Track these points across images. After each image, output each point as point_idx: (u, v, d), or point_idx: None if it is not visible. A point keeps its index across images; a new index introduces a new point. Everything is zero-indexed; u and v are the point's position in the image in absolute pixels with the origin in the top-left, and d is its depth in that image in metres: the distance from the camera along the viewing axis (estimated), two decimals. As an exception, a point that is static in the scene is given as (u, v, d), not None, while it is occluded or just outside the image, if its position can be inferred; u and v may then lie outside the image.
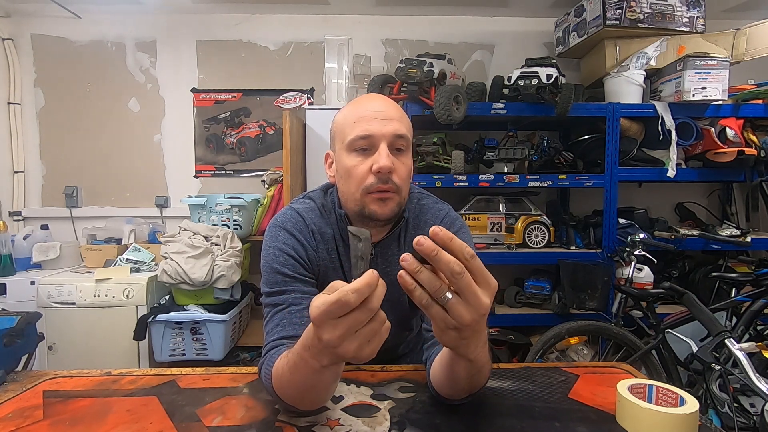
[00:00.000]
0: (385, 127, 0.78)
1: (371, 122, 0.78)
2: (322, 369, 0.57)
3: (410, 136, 0.83)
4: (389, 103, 0.83)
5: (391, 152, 0.78)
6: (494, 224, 2.24)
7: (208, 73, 2.65)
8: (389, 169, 0.76)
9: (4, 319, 0.98)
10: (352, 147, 0.79)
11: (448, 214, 0.92)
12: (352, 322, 0.50)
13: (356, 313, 0.49)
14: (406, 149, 0.82)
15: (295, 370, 0.61)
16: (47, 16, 2.54)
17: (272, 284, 0.80)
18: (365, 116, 0.79)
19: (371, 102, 0.82)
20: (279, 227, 0.86)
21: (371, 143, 0.78)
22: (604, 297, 2.08)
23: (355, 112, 0.81)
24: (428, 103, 2.02)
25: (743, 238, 2.16)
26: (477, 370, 0.63)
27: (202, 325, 2.01)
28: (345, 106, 0.87)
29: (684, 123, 2.11)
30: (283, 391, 0.66)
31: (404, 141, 0.81)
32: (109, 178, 2.64)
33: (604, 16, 2.09)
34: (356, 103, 0.84)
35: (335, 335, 0.50)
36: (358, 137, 0.78)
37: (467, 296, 0.50)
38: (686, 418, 0.61)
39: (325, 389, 0.66)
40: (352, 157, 0.80)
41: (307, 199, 0.92)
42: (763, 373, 1.39)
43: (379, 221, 0.81)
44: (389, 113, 0.80)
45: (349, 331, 0.50)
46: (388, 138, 0.78)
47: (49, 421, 0.69)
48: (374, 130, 0.78)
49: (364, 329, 0.51)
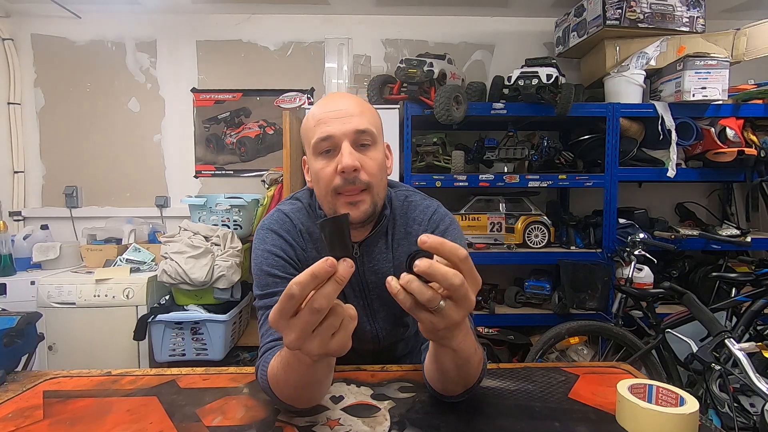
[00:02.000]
0: (345, 126, 0.77)
1: (330, 123, 0.77)
2: (314, 363, 0.57)
3: (375, 128, 0.81)
4: (349, 100, 0.81)
5: (356, 149, 0.77)
6: (494, 224, 2.24)
7: (208, 73, 2.65)
8: (353, 167, 0.75)
9: (4, 319, 0.98)
10: (316, 150, 0.79)
11: (436, 211, 0.91)
12: (303, 324, 0.49)
13: (304, 313, 0.48)
14: (372, 143, 0.80)
15: (288, 368, 0.61)
16: (47, 16, 2.54)
17: (263, 286, 0.80)
18: (323, 118, 0.78)
19: (330, 102, 0.81)
20: (267, 229, 0.85)
21: (333, 144, 0.77)
22: (604, 297, 2.08)
23: (316, 115, 0.80)
24: (428, 103, 2.02)
25: (743, 238, 2.16)
26: (464, 360, 0.63)
27: (202, 325, 2.01)
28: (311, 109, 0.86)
29: (684, 123, 2.11)
30: (279, 390, 0.67)
31: (368, 135, 0.78)
32: (109, 178, 2.64)
33: (604, 16, 2.09)
34: (317, 106, 0.82)
35: (292, 337, 0.49)
36: (319, 139, 0.77)
37: (462, 301, 0.50)
38: (686, 418, 0.61)
39: (320, 384, 0.66)
40: (319, 160, 0.79)
41: (294, 200, 0.93)
42: (763, 373, 1.39)
43: (354, 223, 0.81)
44: (349, 110, 0.78)
45: (305, 333, 0.49)
46: (349, 136, 0.77)
47: (49, 421, 0.69)
48: (334, 131, 0.77)
49: (321, 327, 0.50)
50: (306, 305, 0.48)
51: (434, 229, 0.88)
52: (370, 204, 0.80)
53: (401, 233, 0.89)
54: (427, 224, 0.89)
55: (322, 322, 0.50)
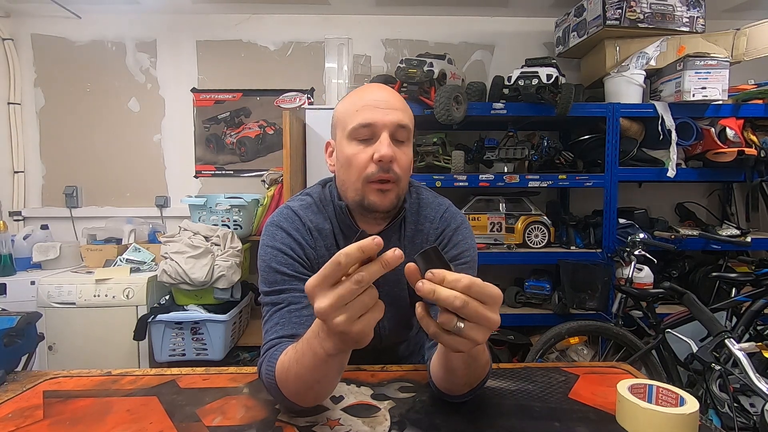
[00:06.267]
0: (387, 117, 0.78)
1: (373, 111, 0.78)
2: (328, 358, 0.57)
3: (412, 127, 0.83)
4: (392, 93, 0.82)
5: (392, 142, 0.78)
6: (494, 224, 2.24)
7: (208, 73, 2.65)
8: (390, 157, 0.76)
9: (4, 319, 0.98)
10: (353, 135, 0.79)
11: (447, 209, 0.91)
12: (342, 291, 0.50)
13: (347, 282, 0.50)
14: (407, 140, 0.82)
15: (302, 360, 0.61)
16: (47, 16, 2.54)
17: (271, 283, 0.80)
18: (368, 105, 0.79)
19: (374, 91, 0.82)
20: (276, 226, 0.85)
21: (373, 132, 0.78)
22: (604, 297, 2.08)
23: (358, 101, 0.80)
24: (428, 103, 2.02)
25: (743, 238, 2.16)
26: (473, 359, 0.63)
27: (202, 325, 2.01)
28: (347, 95, 0.86)
29: (684, 123, 2.11)
30: (287, 385, 0.65)
31: (406, 132, 0.80)
32: (109, 178, 2.64)
33: (604, 16, 2.09)
34: (359, 92, 0.83)
35: (326, 303, 0.50)
36: (360, 125, 0.78)
37: (478, 320, 0.51)
38: (686, 418, 0.61)
39: (329, 383, 0.66)
40: (353, 145, 0.79)
41: (305, 195, 0.92)
42: (763, 373, 1.39)
43: (378, 212, 0.81)
44: (392, 103, 0.80)
45: (340, 301, 0.50)
46: (389, 127, 0.78)
47: (49, 421, 0.69)
48: (376, 119, 0.77)
49: (355, 301, 0.51)
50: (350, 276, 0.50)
51: (445, 227, 0.89)
52: (396, 195, 0.80)
53: (412, 230, 0.90)
54: (438, 222, 0.89)
55: (356, 298, 0.51)
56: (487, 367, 0.69)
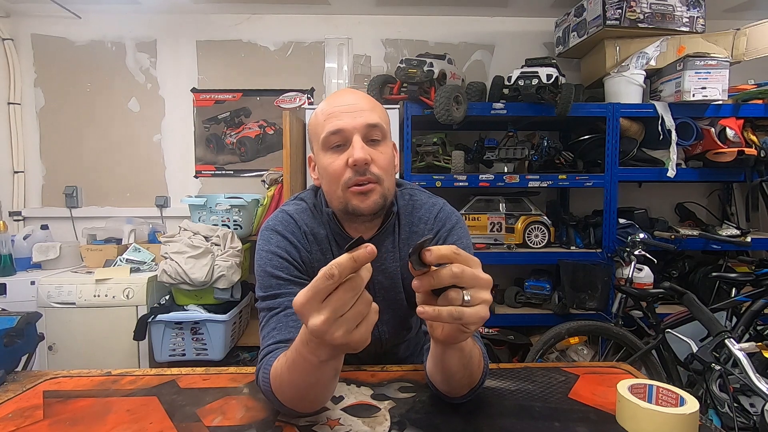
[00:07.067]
0: (356, 120, 0.77)
1: (341, 117, 0.77)
2: (321, 364, 0.57)
3: (385, 124, 0.81)
4: (359, 96, 0.82)
5: (366, 144, 0.77)
6: (494, 224, 2.24)
7: (208, 73, 2.65)
8: (364, 160, 0.75)
9: (4, 319, 0.98)
10: (326, 145, 0.79)
11: (442, 209, 0.90)
12: (336, 304, 0.49)
13: (339, 293, 0.49)
14: (382, 139, 0.80)
15: (293, 368, 0.60)
16: (47, 16, 2.54)
17: (266, 288, 0.79)
18: (334, 112, 0.78)
19: (340, 97, 0.81)
20: (271, 230, 0.84)
21: (344, 138, 0.77)
22: (604, 297, 2.08)
23: (325, 110, 0.80)
24: (428, 103, 2.02)
25: (743, 238, 2.16)
26: (468, 358, 0.64)
27: (202, 325, 2.01)
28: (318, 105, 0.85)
29: (684, 123, 2.11)
30: (282, 392, 0.65)
31: (378, 130, 0.79)
32: (109, 178, 2.64)
33: (604, 16, 2.09)
34: (326, 101, 0.83)
35: (320, 320, 0.49)
36: (330, 133, 0.77)
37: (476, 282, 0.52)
38: (686, 418, 0.61)
39: (325, 387, 0.65)
40: (329, 155, 0.79)
41: (299, 200, 0.91)
42: (763, 373, 1.39)
43: (364, 216, 0.80)
44: (359, 105, 0.79)
45: (334, 315, 0.49)
46: (360, 130, 0.77)
47: (49, 421, 0.69)
48: (344, 125, 0.77)
49: (350, 312, 0.50)
50: (342, 286, 0.49)
51: (440, 227, 0.88)
52: (380, 196, 0.79)
53: (407, 232, 0.89)
54: (433, 223, 0.88)
55: (351, 308, 0.50)
56: (481, 363, 0.69)
